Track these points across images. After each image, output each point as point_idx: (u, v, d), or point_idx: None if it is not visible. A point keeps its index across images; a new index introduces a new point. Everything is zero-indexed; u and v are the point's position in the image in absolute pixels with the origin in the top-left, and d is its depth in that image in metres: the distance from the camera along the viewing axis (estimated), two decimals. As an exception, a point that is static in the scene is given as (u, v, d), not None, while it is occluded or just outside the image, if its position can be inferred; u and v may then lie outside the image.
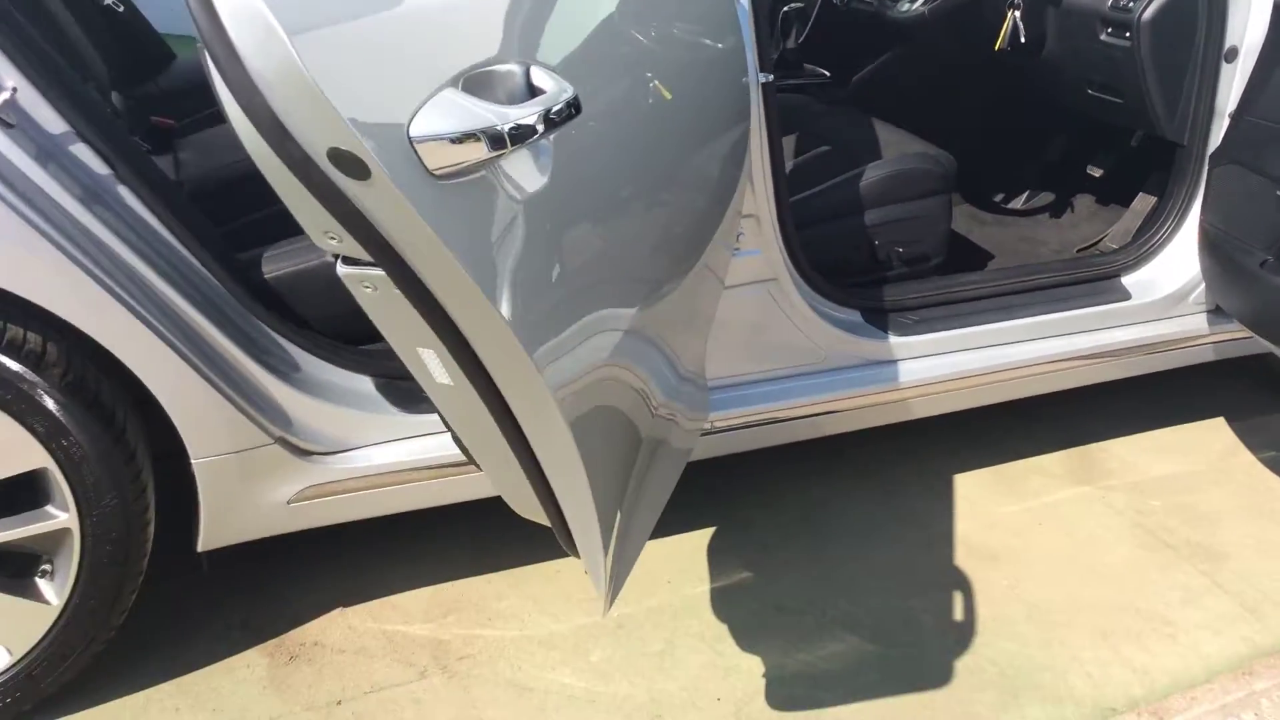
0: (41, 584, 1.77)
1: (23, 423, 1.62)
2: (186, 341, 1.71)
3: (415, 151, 1.08)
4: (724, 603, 2.14)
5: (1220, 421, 2.77)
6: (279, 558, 2.19)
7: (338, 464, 1.91)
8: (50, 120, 1.62)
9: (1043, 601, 2.15)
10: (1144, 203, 2.81)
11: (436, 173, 1.09)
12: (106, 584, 1.77)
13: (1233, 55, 2.36)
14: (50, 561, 1.77)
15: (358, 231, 1.07)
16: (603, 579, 1.42)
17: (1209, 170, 2.38)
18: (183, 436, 1.75)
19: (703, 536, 2.31)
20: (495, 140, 1.10)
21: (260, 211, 2.13)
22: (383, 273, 1.13)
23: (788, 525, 2.36)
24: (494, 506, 1.78)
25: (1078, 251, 2.90)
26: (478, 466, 1.56)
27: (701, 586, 2.18)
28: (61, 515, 1.71)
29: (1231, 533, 2.36)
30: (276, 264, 1.95)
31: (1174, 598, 2.16)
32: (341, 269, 1.18)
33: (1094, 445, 2.67)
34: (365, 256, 1.11)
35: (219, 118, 2.43)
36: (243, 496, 1.85)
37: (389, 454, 1.94)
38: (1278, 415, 2.81)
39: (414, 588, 2.16)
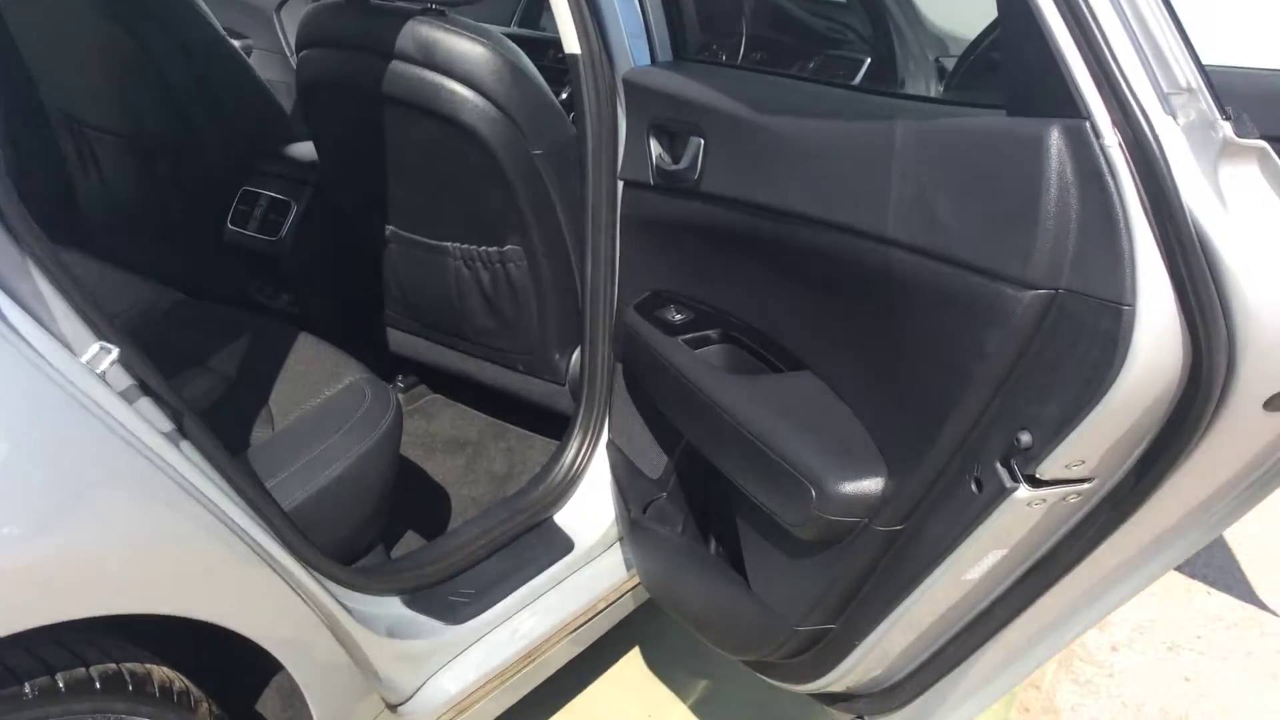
0: None
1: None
2: (318, 609, 1.35)
3: None
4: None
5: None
6: None
7: (420, 707, 1.60)
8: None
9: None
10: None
11: None
12: None
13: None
14: None
15: (1167, 452, 1.03)
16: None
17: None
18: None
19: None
20: None
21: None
22: (1089, 486, 1.09)
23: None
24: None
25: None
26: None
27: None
28: None
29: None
30: (288, 493, 1.55)
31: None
32: (1026, 493, 1.10)
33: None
34: (1083, 475, 1.07)
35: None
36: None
37: (460, 676, 1.67)
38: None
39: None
